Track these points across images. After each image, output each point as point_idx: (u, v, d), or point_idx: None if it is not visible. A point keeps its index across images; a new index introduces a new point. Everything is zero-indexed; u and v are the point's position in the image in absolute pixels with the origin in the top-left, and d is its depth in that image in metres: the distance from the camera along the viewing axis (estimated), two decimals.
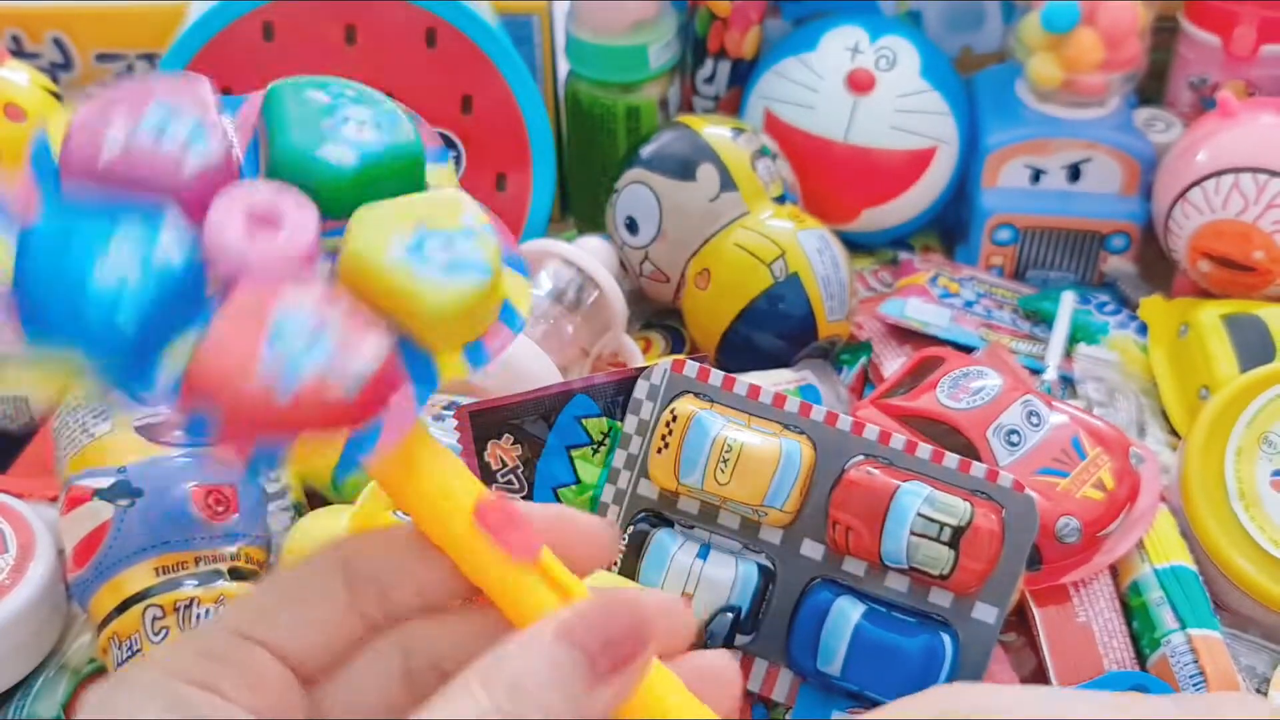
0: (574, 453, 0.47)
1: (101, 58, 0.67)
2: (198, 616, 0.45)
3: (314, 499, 0.54)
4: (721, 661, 0.29)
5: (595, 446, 0.47)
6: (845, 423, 0.45)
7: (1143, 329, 0.64)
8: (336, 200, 0.26)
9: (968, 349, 0.59)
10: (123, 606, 0.46)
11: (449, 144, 0.62)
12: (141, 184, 0.25)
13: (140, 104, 0.26)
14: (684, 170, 0.60)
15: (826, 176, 0.66)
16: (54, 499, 0.50)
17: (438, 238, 0.26)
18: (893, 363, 0.60)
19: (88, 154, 0.25)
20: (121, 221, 0.24)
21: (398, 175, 0.27)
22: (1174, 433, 0.58)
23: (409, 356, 0.26)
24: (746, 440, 0.44)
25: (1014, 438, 0.50)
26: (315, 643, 0.28)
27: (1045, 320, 0.64)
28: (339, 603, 0.28)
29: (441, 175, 0.29)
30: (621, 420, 0.47)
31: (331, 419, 0.25)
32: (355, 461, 0.25)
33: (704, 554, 0.44)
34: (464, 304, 0.26)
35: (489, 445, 0.47)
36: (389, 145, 0.27)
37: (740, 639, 0.44)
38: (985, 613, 0.44)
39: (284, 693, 0.27)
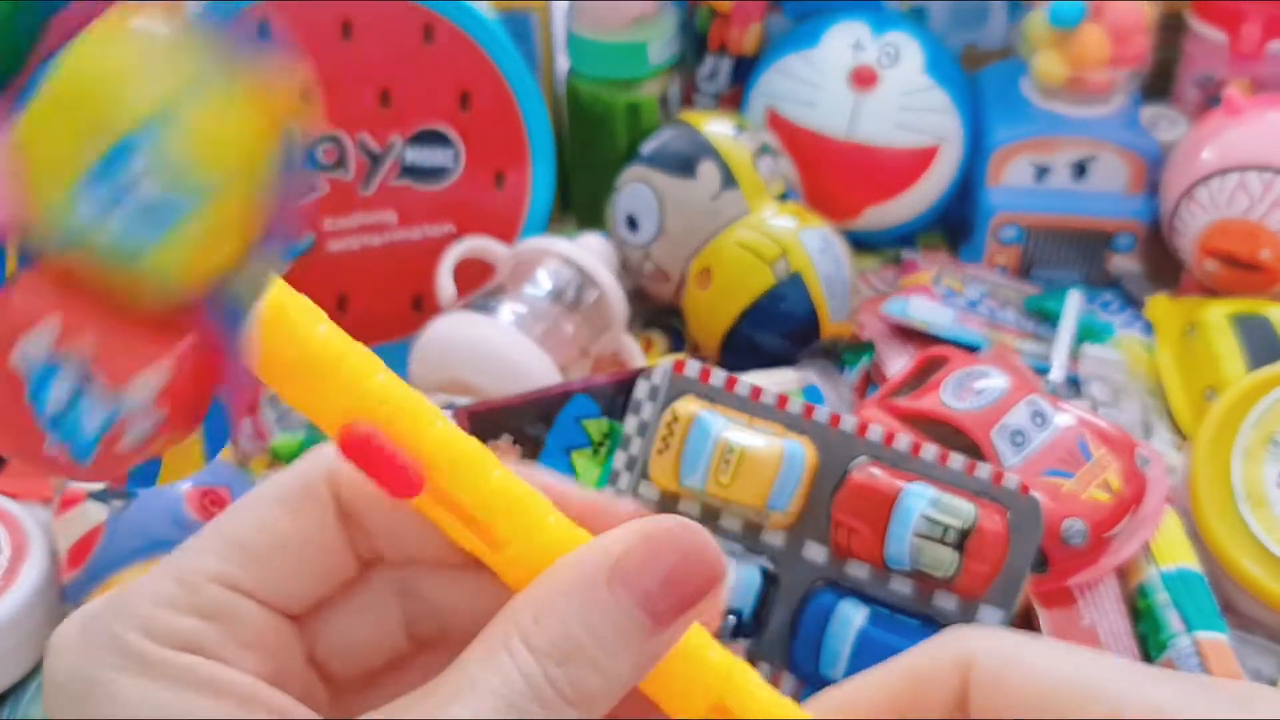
0: (574, 454, 0.47)
1: None
2: None
3: None
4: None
5: (595, 448, 0.47)
6: (849, 424, 0.45)
7: (1149, 329, 0.63)
8: None
9: (972, 349, 0.59)
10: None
11: (447, 141, 0.62)
12: None
13: None
14: (685, 168, 0.60)
15: (829, 174, 0.66)
16: (48, 500, 0.50)
17: (124, 159, 0.19)
18: (896, 363, 0.60)
19: None
20: None
21: None
22: (1180, 434, 0.58)
23: (220, 311, 0.21)
24: (749, 442, 0.44)
25: (1019, 438, 0.50)
26: (308, 587, 0.25)
27: (1050, 320, 0.64)
28: (337, 548, 0.25)
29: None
30: (622, 421, 0.47)
31: (150, 450, 0.22)
32: (220, 445, 0.22)
33: None
34: (190, 262, 0.20)
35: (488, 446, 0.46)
36: None
37: (742, 643, 0.44)
38: (991, 616, 0.43)
39: (279, 649, 0.25)
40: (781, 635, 0.44)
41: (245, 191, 0.20)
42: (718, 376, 0.46)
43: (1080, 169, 0.66)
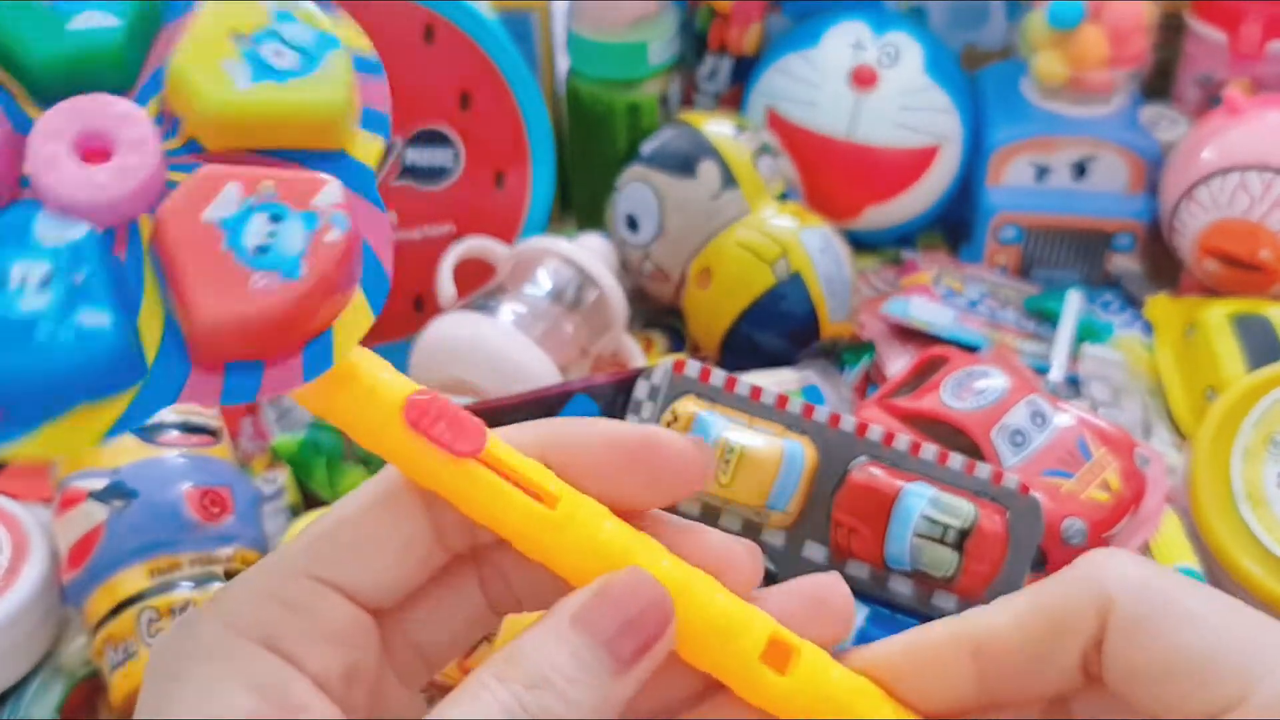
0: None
1: None
2: None
3: (310, 501, 0.54)
4: (828, 583, 0.27)
5: None
6: (848, 424, 0.45)
7: (1149, 329, 0.63)
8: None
9: (972, 349, 0.59)
10: (118, 609, 0.45)
11: (447, 141, 0.62)
12: None
13: None
14: (685, 167, 0.60)
15: (829, 174, 0.66)
16: (48, 500, 0.50)
17: (265, 41, 0.24)
18: (896, 363, 0.60)
19: None
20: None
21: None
22: (1180, 434, 0.58)
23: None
24: (749, 441, 0.43)
25: (1019, 438, 0.50)
26: (395, 580, 0.26)
27: (1050, 320, 0.63)
28: (424, 541, 0.26)
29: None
30: (622, 421, 0.47)
31: (342, 283, 0.24)
32: (381, 297, 0.24)
33: None
34: (348, 90, 0.24)
35: None
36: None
37: None
38: None
39: (356, 644, 0.25)
40: None
41: (346, 61, 0.25)
42: (718, 376, 0.46)
43: (1080, 169, 0.66)
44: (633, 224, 0.61)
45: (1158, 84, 0.71)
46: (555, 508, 0.25)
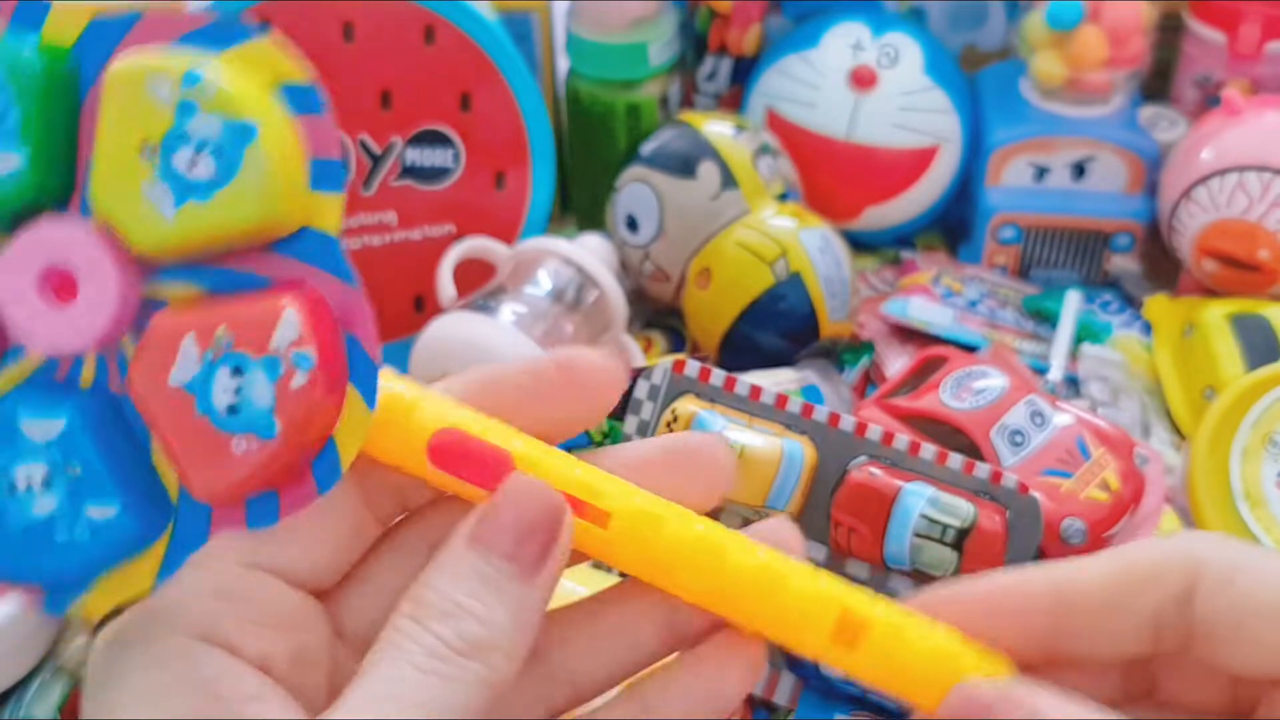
0: (574, 454, 0.47)
1: None
2: None
3: None
4: (781, 528, 0.27)
5: (594, 447, 0.47)
6: (848, 423, 0.45)
7: (1147, 329, 0.63)
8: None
9: (971, 349, 0.59)
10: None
11: (447, 141, 0.62)
12: None
13: None
14: (685, 168, 0.60)
15: (828, 174, 0.66)
16: None
17: (175, 148, 0.22)
18: (895, 363, 0.60)
19: None
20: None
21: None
22: (1179, 433, 0.58)
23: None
24: (748, 441, 0.44)
25: (1018, 438, 0.50)
26: (331, 557, 0.26)
27: (1049, 320, 0.64)
28: (355, 512, 0.26)
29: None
30: (621, 420, 0.47)
31: (317, 399, 0.23)
32: (372, 391, 0.24)
33: None
34: (279, 188, 0.23)
35: None
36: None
37: None
38: None
39: (300, 627, 0.25)
40: None
41: (280, 123, 0.23)
42: (717, 376, 0.46)
43: (1079, 169, 0.66)
44: (633, 224, 0.61)
45: (1156, 84, 0.71)
46: (608, 526, 0.25)
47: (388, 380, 0.25)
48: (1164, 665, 0.26)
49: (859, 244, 0.67)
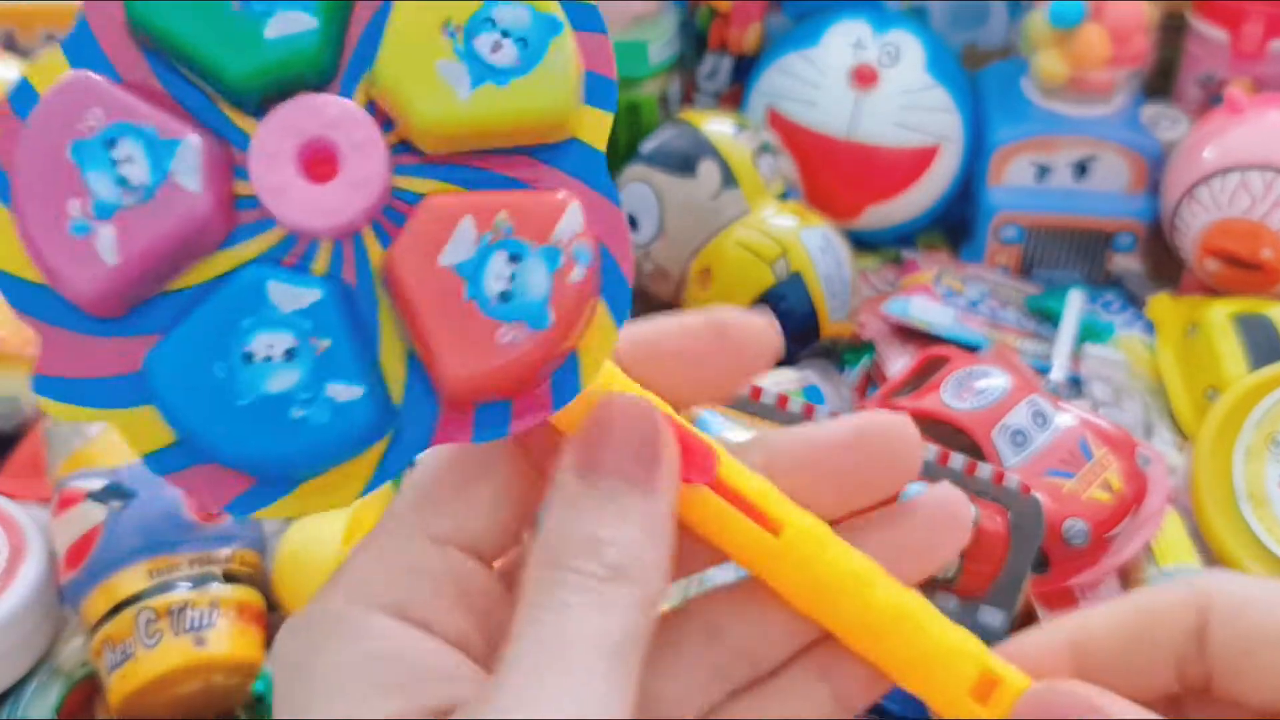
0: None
1: None
2: (191, 620, 0.45)
3: None
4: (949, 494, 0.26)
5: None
6: None
7: (1150, 328, 0.63)
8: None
9: (973, 349, 0.58)
10: (116, 610, 0.45)
11: None
12: None
13: None
14: (685, 167, 0.60)
15: (829, 173, 0.66)
16: (46, 501, 0.49)
17: (480, 32, 0.22)
18: (896, 363, 0.60)
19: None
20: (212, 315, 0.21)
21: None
22: (1182, 434, 0.58)
23: None
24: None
25: (1020, 438, 0.50)
26: (506, 520, 0.25)
27: (1051, 320, 0.63)
28: (517, 469, 0.25)
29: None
30: None
31: (587, 315, 0.22)
32: (624, 308, 0.23)
33: None
34: (576, 84, 0.22)
35: None
36: None
37: None
38: (992, 616, 0.43)
39: (494, 600, 0.24)
40: None
41: (570, 46, 0.23)
42: None
43: (1081, 168, 0.66)
44: (633, 223, 0.61)
45: (1159, 83, 0.71)
46: (780, 535, 0.24)
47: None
48: (1192, 703, 0.26)
49: (860, 243, 0.67)
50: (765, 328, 0.26)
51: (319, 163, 0.22)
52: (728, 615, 0.25)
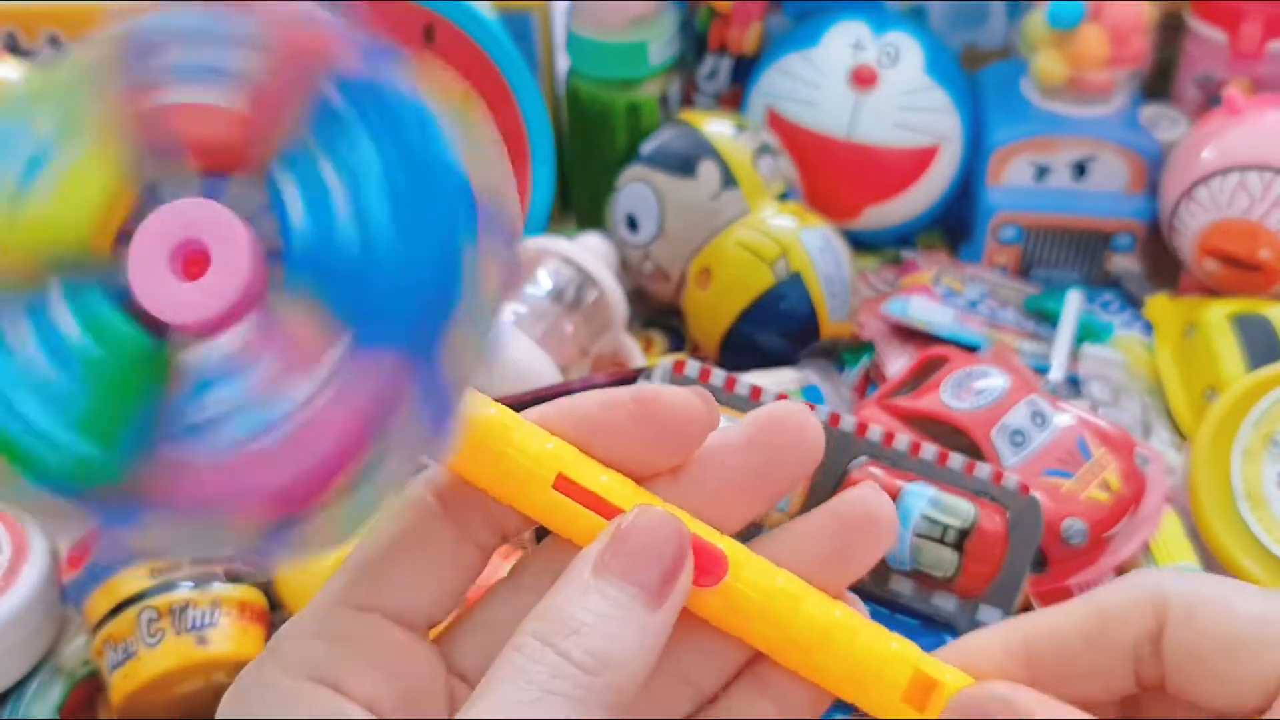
0: None
1: None
2: (192, 619, 0.45)
3: None
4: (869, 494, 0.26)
5: None
6: (848, 423, 0.45)
7: (1148, 329, 0.63)
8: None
9: (972, 349, 0.59)
10: (118, 609, 0.45)
11: None
12: None
13: None
14: (685, 167, 0.60)
15: (829, 174, 0.66)
16: None
17: None
18: (896, 363, 0.60)
19: None
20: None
21: None
22: (1180, 433, 0.58)
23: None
24: None
25: (1019, 438, 0.50)
26: (436, 590, 0.26)
27: (1050, 320, 0.63)
28: (451, 543, 0.26)
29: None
30: None
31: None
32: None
33: None
34: None
35: None
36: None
37: None
38: (990, 616, 0.43)
39: (410, 663, 0.25)
40: None
41: None
42: (718, 376, 0.46)
43: (1080, 169, 0.66)
44: (633, 224, 0.61)
45: (1158, 84, 0.71)
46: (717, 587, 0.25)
47: (483, 405, 0.25)
48: (1150, 703, 0.26)
49: (859, 244, 0.67)
50: (692, 401, 0.26)
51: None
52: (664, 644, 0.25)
